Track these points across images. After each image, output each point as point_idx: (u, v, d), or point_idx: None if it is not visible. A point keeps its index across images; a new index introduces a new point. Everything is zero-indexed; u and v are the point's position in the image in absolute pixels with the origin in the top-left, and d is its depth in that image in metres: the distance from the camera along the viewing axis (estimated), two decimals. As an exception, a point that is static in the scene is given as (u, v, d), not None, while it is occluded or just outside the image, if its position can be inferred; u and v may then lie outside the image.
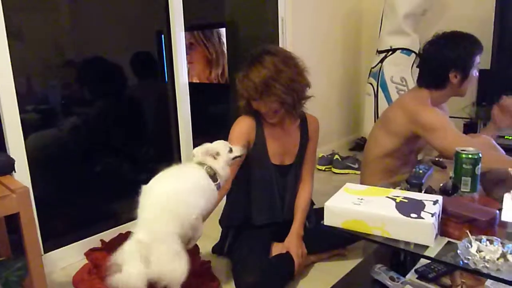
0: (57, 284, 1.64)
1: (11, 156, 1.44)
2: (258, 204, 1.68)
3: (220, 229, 1.78)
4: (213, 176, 1.33)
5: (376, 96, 3.14)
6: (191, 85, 2.33)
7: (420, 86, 1.71)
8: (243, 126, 1.61)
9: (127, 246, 1.16)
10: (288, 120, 1.68)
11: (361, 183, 1.88)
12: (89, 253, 1.71)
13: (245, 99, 1.57)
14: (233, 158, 1.40)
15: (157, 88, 2.37)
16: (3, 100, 1.54)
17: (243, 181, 1.65)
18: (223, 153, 1.37)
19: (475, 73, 1.63)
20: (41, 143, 1.84)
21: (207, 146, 1.37)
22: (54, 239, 1.81)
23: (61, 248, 1.81)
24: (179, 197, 1.23)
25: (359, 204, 1.04)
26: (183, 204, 1.23)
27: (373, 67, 3.20)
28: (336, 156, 3.01)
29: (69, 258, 1.80)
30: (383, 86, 3.09)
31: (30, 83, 1.80)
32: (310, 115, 1.76)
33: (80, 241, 1.86)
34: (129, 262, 1.13)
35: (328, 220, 1.07)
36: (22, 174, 1.60)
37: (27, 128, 1.65)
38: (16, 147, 1.58)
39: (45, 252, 1.74)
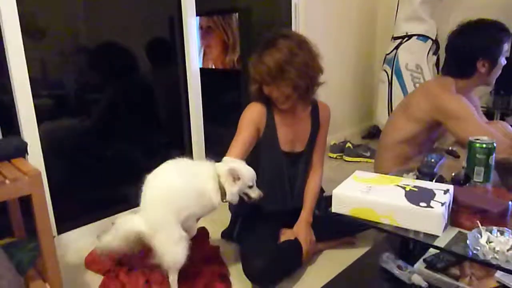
0: (70, 265, 1.68)
1: (25, 140, 1.46)
2: (267, 191, 1.66)
3: (230, 215, 1.79)
4: (222, 194, 1.35)
5: (390, 83, 3.08)
6: (203, 71, 2.33)
7: (444, 75, 1.68)
8: (253, 112, 1.59)
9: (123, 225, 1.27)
10: (300, 106, 1.66)
11: (375, 169, 1.87)
12: (101, 236, 1.74)
13: (258, 84, 1.55)
14: (245, 194, 1.41)
15: (169, 74, 2.37)
16: (17, 85, 1.55)
17: (253, 168, 1.65)
18: (243, 182, 1.38)
19: (503, 61, 1.59)
20: (55, 128, 1.86)
21: (235, 165, 1.36)
22: (67, 221, 1.84)
23: (74, 230, 1.84)
24: (178, 194, 1.29)
25: (367, 192, 1.03)
26: (180, 202, 1.30)
27: (387, 54, 3.14)
28: (348, 144, 2.98)
29: (82, 240, 1.84)
30: (397, 73, 3.03)
31: (43, 68, 1.81)
32: (321, 102, 1.74)
33: (93, 223, 1.90)
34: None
35: (336, 208, 1.06)
36: (36, 158, 1.63)
37: (41, 113, 1.67)
38: (30, 131, 1.61)
39: (59, 233, 1.78)
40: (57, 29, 1.81)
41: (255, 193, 1.42)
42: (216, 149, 2.42)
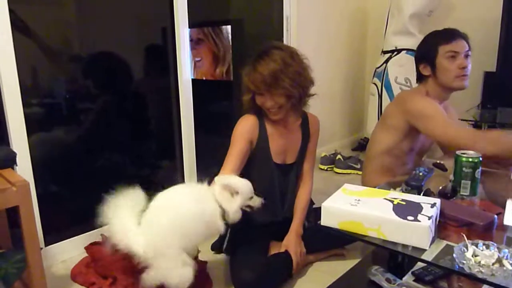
0: (56, 276, 1.66)
1: (14, 150, 1.45)
2: None
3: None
4: (223, 216, 1.33)
5: (380, 96, 3.12)
6: (194, 81, 2.33)
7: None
8: (246, 125, 1.60)
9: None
10: (291, 118, 1.67)
11: (362, 181, 1.90)
12: (89, 247, 1.72)
13: (251, 93, 1.57)
14: (247, 206, 1.39)
15: (160, 84, 2.37)
16: (7, 94, 1.55)
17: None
18: (243, 197, 1.35)
19: (449, 62, 1.64)
20: (45, 138, 1.85)
21: (230, 180, 1.34)
22: (55, 232, 1.82)
23: (62, 242, 1.82)
24: (189, 222, 1.25)
25: (356, 205, 1.04)
26: (187, 231, 1.26)
27: (377, 67, 3.18)
28: (339, 156, 3.00)
29: (69, 252, 1.81)
30: (387, 86, 3.07)
31: (34, 77, 1.80)
32: (311, 114, 1.76)
33: (81, 235, 1.88)
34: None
35: (325, 220, 1.07)
36: (24, 168, 1.61)
37: (31, 122, 1.65)
38: (19, 141, 1.59)
39: (46, 245, 1.76)
40: (49, 37, 1.80)
41: (256, 202, 1.40)
42: (207, 159, 2.42)
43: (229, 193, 1.33)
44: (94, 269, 1.57)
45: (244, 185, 1.37)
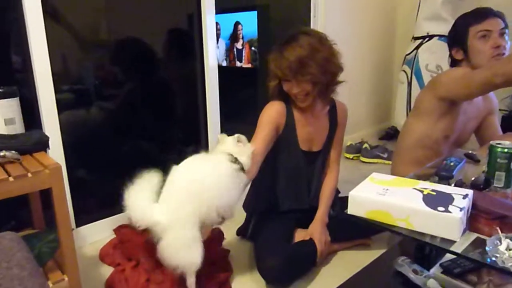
0: (86, 257, 1.72)
1: (46, 134, 1.49)
2: (284, 191, 1.68)
3: (245, 213, 1.80)
4: (241, 169, 1.33)
5: (409, 84, 3.03)
6: (221, 68, 2.33)
7: None
8: (273, 111, 1.59)
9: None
10: (319, 105, 1.65)
11: (392, 173, 1.85)
12: (118, 229, 1.77)
13: (277, 80, 1.55)
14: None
15: (186, 71, 2.38)
16: (39, 79, 1.59)
17: (269, 167, 1.65)
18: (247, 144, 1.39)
19: (480, 43, 1.58)
20: (75, 122, 1.90)
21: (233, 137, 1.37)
22: (86, 214, 1.87)
23: (92, 223, 1.87)
24: (207, 187, 1.25)
25: (384, 195, 1.02)
26: (208, 195, 1.25)
27: (407, 54, 3.09)
28: (365, 145, 2.95)
29: (99, 233, 1.87)
30: (417, 74, 2.98)
31: (65, 63, 1.85)
32: (339, 101, 1.73)
33: (110, 217, 1.93)
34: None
35: (352, 209, 1.06)
36: (56, 152, 1.66)
37: (62, 108, 1.70)
38: (51, 126, 1.64)
39: (77, 226, 1.82)
40: (78, 24, 1.84)
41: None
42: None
43: (239, 142, 1.37)
44: (121, 250, 1.61)
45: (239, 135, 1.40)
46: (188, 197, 1.24)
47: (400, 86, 3.15)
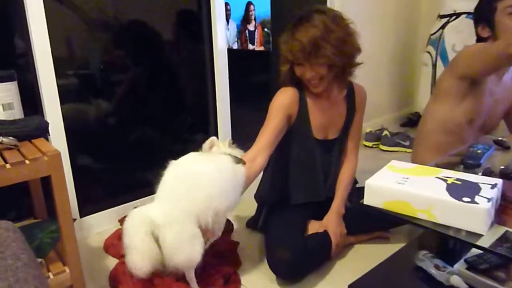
0: (91, 248, 1.73)
1: (47, 120, 1.49)
2: (297, 183, 1.65)
3: (256, 204, 1.79)
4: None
5: (434, 66, 2.96)
6: (231, 51, 2.30)
7: None
8: (285, 98, 1.56)
9: (134, 220, 1.21)
10: (335, 89, 1.61)
11: (412, 162, 1.80)
12: (123, 220, 1.77)
13: (289, 64, 1.51)
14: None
15: (194, 54, 2.36)
16: (40, 63, 1.58)
17: (281, 157, 1.63)
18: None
19: (508, 19, 1.52)
20: (78, 109, 1.90)
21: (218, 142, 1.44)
22: (91, 204, 1.89)
23: (97, 213, 1.89)
24: (206, 184, 1.25)
25: (404, 184, 0.99)
26: (207, 192, 1.24)
27: (432, 34, 3.00)
28: (385, 132, 2.90)
29: (105, 224, 1.88)
30: (443, 55, 2.90)
31: (68, 47, 1.84)
32: (357, 84, 1.69)
33: (116, 207, 1.94)
34: (135, 238, 1.18)
35: (368, 199, 1.02)
36: (58, 139, 1.66)
37: (65, 93, 1.70)
38: (52, 111, 1.64)
39: (82, 216, 1.83)
40: (82, 5, 1.82)
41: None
42: (243, 134, 2.41)
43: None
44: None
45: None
46: (185, 190, 1.24)
47: (424, 69, 3.07)
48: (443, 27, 2.91)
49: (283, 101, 1.55)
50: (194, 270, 1.32)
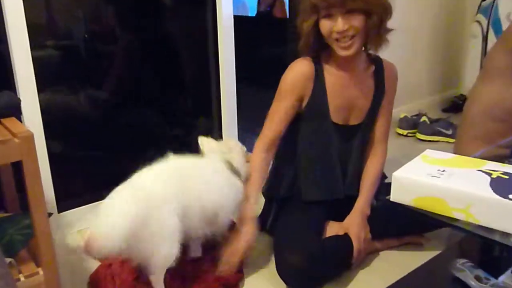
0: (71, 248, 1.75)
1: (19, 97, 1.51)
2: (309, 176, 1.65)
3: (264, 200, 1.79)
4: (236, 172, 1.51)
5: (484, 39, 2.94)
6: (238, 19, 2.28)
7: None
8: (297, 73, 1.56)
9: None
10: (362, 61, 1.61)
11: (455, 153, 1.79)
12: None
13: (315, 17, 1.49)
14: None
15: (195, 22, 2.36)
16: (12, 32, 1.58)
17: (291, 144, 1.64)
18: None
19: None
20: (58, 89, 1.91)
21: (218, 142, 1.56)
22: (71, 197, 1.92)
23: (78, 208, 1.91)
24: (194, 180, 1.40)
25: (439, 177, 0.98)
26: (195, 188, 1.38)
27: (483, 0, 2.99)
28: (424, 118, 2.89)
29: (87, 220, 1.90)
30: (496, 25, 2.87)
31: (47, 13, 1.85)
32: (387, 61, 1.68)
33: (100, 202, 1.95)
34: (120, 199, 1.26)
35: (396, 195, 1.02)
36: (33, 120, 1.67)
37: (41, 67, 1.70)
38: (27, 88, 1.64)
39: (60, 211, 1.86)
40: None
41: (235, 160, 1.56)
42: (251, 116, 2.41)
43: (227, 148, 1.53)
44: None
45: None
46: (169, 179, 1.34)
47: (473, 42, 3.06)
48: (496, -9, 2.88)
49: (296, 76, 1.56)
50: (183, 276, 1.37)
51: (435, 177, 0.98)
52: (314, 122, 1.61)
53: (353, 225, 1.59)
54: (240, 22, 2.28)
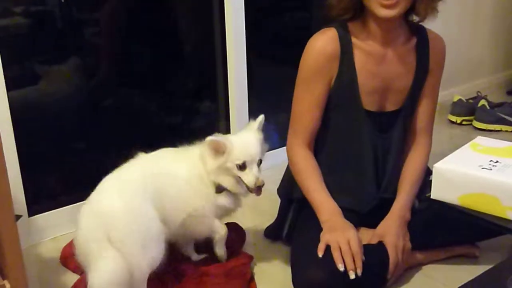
0: (42, 258, 1.80)
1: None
2: (337, 178, 1.67)
3: (279, 202, 1.81)
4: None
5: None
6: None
7: None
8: (319, 54, 1.58)
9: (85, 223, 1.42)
10: (402, 32, 1.62)
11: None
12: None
13: None
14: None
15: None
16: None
17: (317, 137, 1.66)
18: (228, 156, 1.49)
19: None
20: (28, 65, 1.93)
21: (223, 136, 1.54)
22: (44, 199, 1.97)
23: (52, 211, 1.95)
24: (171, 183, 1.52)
25: (491, 169, 0.99)
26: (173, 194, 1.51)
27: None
28: (483, 102, 2.89)
29: (62, 226, 1.93)
30: None
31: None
32: (433, 32, 1.69)
33: (78, 204, 1.98)
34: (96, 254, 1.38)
35: (437, 192, 1.05)
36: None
37: (7, 39, 1.75)
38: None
39: (31, 215, 1.89)
40: None
41: (248, 177, 1.49)
42: (264, 99, 2.41)
43: (214, 150, 1.50)
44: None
45: (237, 143, 1.50)
46: (143, 181, 1.46)
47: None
48: None
49: (318, 58, 1.58)
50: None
51: (486, 169, 1.00)
52: (341, 111, 1.63)
53: (389, 232, 1.60)
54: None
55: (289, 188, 1.76)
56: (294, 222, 1.73)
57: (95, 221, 1.39)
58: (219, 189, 1.54)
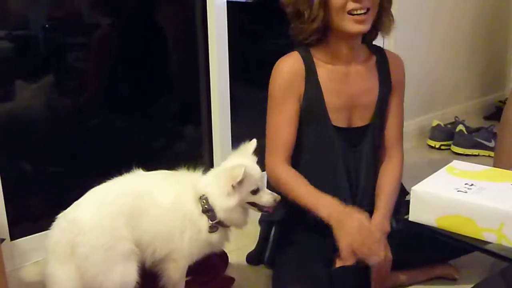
0: (25, 283, 1.79)
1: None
2: None
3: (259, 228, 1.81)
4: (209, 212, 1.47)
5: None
6: (233, 4, 2.31)
7: None
8: (287, 74, 1.62)
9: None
10: (361, 49, 1.67)
11: (494, 165, 1.83)
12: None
13: None
14: (252, 204, 1.50)
15: (181, 9, 2.39)
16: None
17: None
18: (246, 186, 1.45)
19: None
20: (12, 87, 1.93)
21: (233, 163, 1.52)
22: (27, 221, 1.95)
23: (35, 235, 1.93)
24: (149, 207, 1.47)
25: (466, 192, 1.02)
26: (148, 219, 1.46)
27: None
28: (460, 127, 2.91)
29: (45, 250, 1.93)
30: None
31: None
32: (390, 52, 1.75)
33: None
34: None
35: (415, 214, 1.06)
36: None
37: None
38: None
39: (13, 238, 1.87)
40: None
41: (266, 198, 1.48)
42: (248, 123, 2.42)
43: (226, 180, 1.43)
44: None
45: (248, 168, 1.43)
46: (123, 198, 1.47)
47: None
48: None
49: (287, 75, 1.62)
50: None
51: (461, 192, 1.02)
52: (311, 128, 1.65)
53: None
54: (234, 8, 2.32)
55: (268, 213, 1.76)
56: (276, 246, 1.73)
57: (66, 225, 1.42)
58: (213, 228, 1.48)
